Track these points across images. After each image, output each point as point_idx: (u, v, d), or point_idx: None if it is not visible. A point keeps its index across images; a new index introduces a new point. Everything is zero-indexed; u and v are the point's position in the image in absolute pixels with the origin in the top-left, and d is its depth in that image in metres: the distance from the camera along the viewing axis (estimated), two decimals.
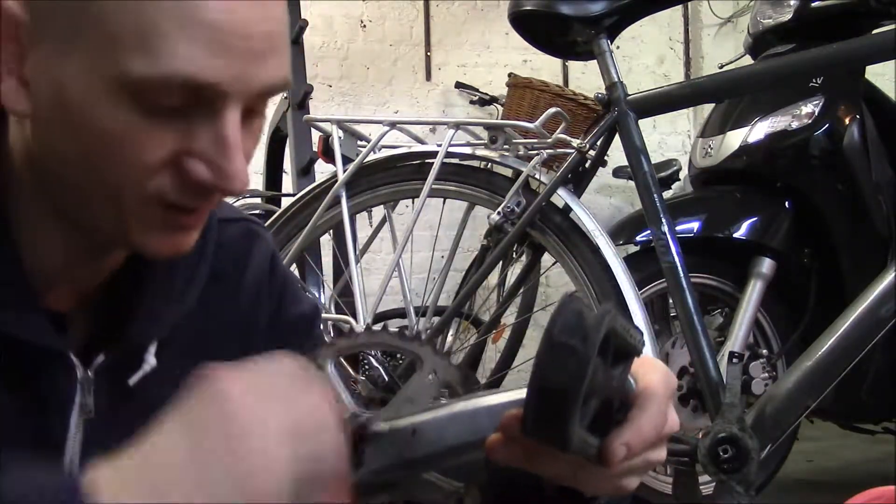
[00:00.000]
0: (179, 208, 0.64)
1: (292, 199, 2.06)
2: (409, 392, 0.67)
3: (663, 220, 1.74)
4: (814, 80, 2.24)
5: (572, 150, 1.84)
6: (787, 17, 2.30)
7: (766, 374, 2.19)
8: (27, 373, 0.67)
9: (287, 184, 3.18)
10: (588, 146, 1.82)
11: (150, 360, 0.73)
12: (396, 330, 0.69)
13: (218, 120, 0.61)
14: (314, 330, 0.88)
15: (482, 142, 1.94)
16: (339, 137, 2.00)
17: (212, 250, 0.78)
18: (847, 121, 2.25)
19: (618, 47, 1.91)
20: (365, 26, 4.34)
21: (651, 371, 0.65)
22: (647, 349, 1.69)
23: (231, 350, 0.79)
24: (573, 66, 4.57)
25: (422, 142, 2.12)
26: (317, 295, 2.26)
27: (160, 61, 0.58)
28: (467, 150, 1.93)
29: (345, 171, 1.94)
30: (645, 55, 4.69)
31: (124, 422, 0.71)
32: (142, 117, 0.60)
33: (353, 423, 0.63)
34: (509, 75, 3.19)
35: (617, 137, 1.82)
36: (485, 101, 4.22)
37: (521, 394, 0.63)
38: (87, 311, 0.73)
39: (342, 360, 0.72)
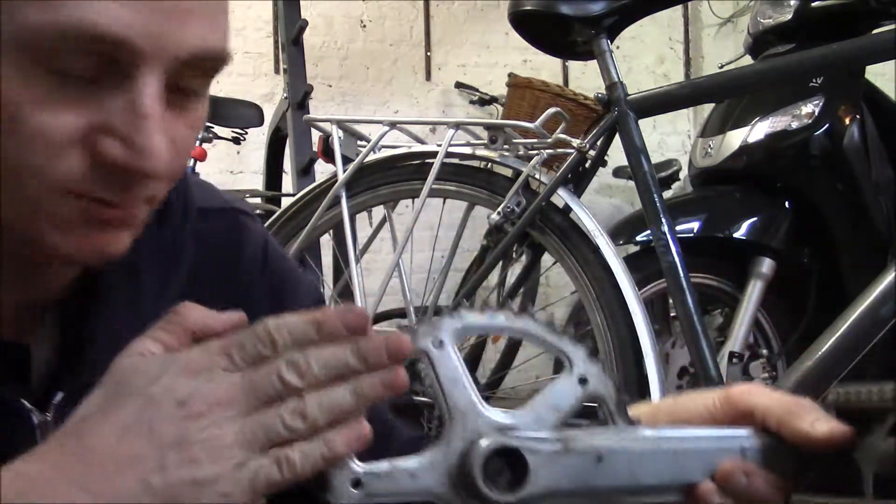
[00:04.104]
0: (97, 201, 0.56)
1: (292, 199, 2.06)
2: (552, 397, 0.57)
3: (663, 220, 1.74)
4: (814, 80, 2.24)
5: (572, 150, 1.84)
6: (787, 17, 2.30)
7: (766, 374, 2.20)
8: None
9: (287, 184, 3.18)
10: (588, 146, 1.82)
11: None
12: (544, 320, 0.58)
13: (131, 87, 0.53)
14: None
15: (482, 142, 1.94)
16: (339, 137, 1.99)
17: (191, 251, 0.70)
18: (847, 121, 2.25)
19: (618, 47, 1.90)
20: (365, 26, 4.34)
21: None
22: (648, 349, 1.69)
23: None
24: (573, 66, 4.56)
25: (422, 142, 2.12)
26: None
27: (59, 9, 0.50)
28: (467, 150, 1.93)
29: (345, 171, 1.94)
30: (645, 55, 4.69)
31: None
32: (48, 86, 0.52)
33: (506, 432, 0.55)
34: (509, 75, 3.19)
35: (617, 137, 1.82)
36: (485, 101, 4.21)
37: (735, 439, 0.59)
38: (45, 339, 0.65)
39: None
